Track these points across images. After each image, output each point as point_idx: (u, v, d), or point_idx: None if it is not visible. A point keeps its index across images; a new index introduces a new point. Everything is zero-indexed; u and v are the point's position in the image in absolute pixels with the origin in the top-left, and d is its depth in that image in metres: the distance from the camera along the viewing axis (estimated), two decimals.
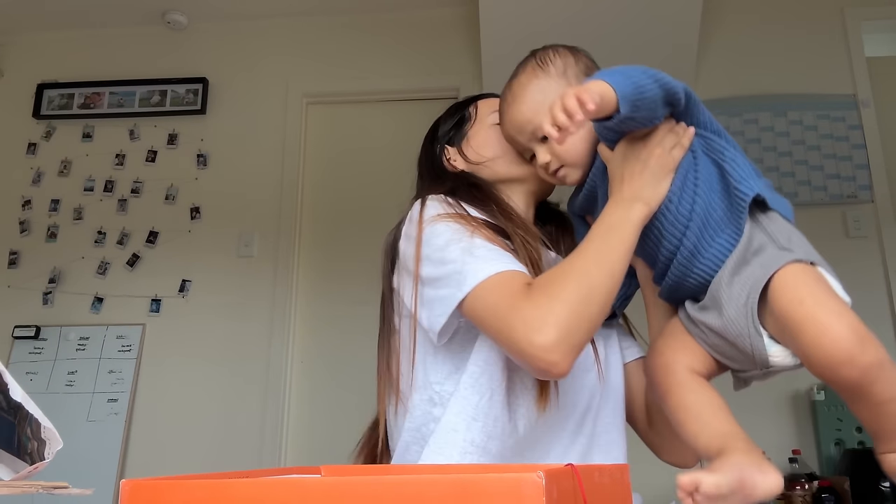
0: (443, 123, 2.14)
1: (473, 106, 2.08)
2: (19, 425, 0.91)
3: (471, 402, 1.58)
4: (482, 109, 2.04)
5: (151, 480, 0.77)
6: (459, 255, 1.54)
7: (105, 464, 4.61)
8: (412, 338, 1.74)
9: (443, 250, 1.58)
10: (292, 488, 0.76)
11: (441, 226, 1.62)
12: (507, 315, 1.42)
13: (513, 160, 1.90)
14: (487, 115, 2.00)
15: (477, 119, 2.02)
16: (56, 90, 5.46)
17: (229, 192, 5.11)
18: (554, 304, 1.39)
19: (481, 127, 1.99)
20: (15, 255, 5.15)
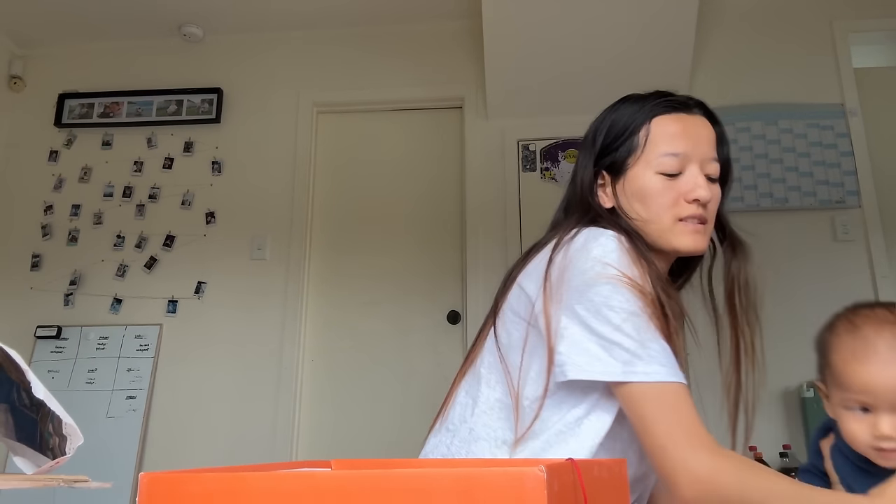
0: (609, 132, 1.76)
1: (646, 128, 1.68)
2: (41, 422, 0.93)
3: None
4: (655, 137, 1.67)
5: (169, 473, 0.78)
6: (635, 334, 1.44)
7: (124, 458, 4.63)
8: (547, 369, 1.52)
9: (618, 314, 1.45)
10: (303, 481, 0.77)
11: (623, 290, 1.48)
12: (679, 441, 1.39)
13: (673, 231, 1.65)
14: (658, 154, 1.65)
15: (644, 153, 1.67)
16: (77, 100, 5.49)
17: (243, 198, 5.14)
18: (730, 476, 1.37)
19: (646, 169, 1.66)
20: (37, 258, 5.18)
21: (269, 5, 5.17)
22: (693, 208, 1.62)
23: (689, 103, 1.72)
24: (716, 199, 1.67)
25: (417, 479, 0.74)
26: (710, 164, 1.67)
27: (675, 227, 1.64)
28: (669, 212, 1.63)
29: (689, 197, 1.62)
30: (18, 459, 0.96)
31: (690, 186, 1.62)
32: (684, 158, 1.64)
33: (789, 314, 4.50)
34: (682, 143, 1.64)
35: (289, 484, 0.77)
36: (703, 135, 1.67)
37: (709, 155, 1.67)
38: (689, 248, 1.65)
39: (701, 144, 1.66)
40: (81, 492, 4.43)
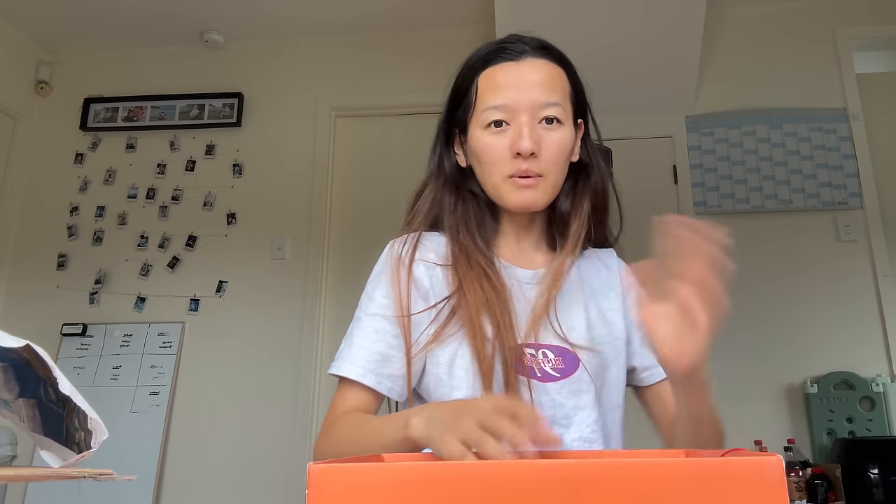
0: (451, 93, 1.69)
1: (475, 84, 1.59)
2: (68, 417, 0.92)
3: None
4: (481, 92, 1.57)
5: (339, 465, 0.75)
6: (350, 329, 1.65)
7: (147, 452, 4.62)
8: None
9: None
10: (525, 470, 0.73)
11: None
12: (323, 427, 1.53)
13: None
14: (481, 109, 1.55)
15: (474, 111, 1.58)
16: (102, 104, 5.48)
17: (263, 199, 5.12)
18: (324, 445, 1.47)
19: (476, 126, 1.57)
20: (63, 257, 5.18)
21: (288, 13, 5.16)
22: (518, 163, 1.49)
23: (521, 50, 1.56)
24: (556, 146, 1.52)
25: (656, 469, 0.72)
26: (548, 108, 1.51)
27: (505, 185, 1.53)
28: (497, 168, 1.52)
29: (512, 150, 1.49)
30: (45, 453, 0.95)
31: (513, 139, 1.49)
32: (508, 110, 1.50)
33: (793, 313, 4.49)
34: (505, 94, 1.51)
35: (491, 473, 0.74)
36: (532, 80, 1.52)
37: (542, 99, 1.51)
38: (517, 205, 1.53)
39: (530, 91, 1.51)
40: (105, 484, 4.42)
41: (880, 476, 3.70)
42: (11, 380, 0.90)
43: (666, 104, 4.90)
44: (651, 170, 4.88)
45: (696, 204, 4.74)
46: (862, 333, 4.43)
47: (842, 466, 3.78)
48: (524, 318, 1.54)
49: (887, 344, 4.37)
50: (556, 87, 1.55)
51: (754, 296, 4.54)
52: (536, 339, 1.52)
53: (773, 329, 4.49)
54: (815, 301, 4.50)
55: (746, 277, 4.57)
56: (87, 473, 0.82)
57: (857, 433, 4.15)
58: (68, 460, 0.94)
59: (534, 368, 1.50)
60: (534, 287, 1.59)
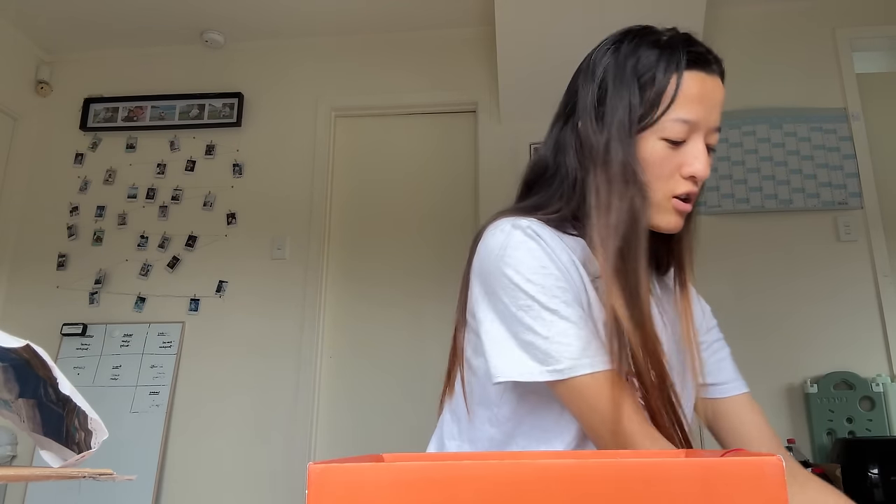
0: (630, 76, 1.44)
1: (672, 82, 1.39)
2: (68, 417, 0.92)
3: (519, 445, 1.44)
4: (677, 99, 1.39)
5: (339, 465, 0.73)
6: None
7: (147, 452, 4.62)
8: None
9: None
10: (512, 471, 0.72)
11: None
12: (607, 441, 1.32)
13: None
14: (669, 118, 1.39)
15: (662, 114, 1.39)
16: (101, 104, 5.48)
17: (263, 199, 5.12)
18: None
19: (652, 133, 1.40)
20: (63, 257, 5.18)
21: (288, 13, 5.16)
22: (688, 185, 1.40)
23: (711, 61, 1.42)
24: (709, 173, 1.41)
25: (656, 469, 0.72)
26: (715, 135, 1.42)
27: (665, 203, 1.41)
28: (662, 184, 1.39)
29: (685, 172, 1.38)
30: (45, 453, 0.95)
31: (688, 160, 1.38)
32: (694, 127, 1.38)
33: (793, 313, 4.50)
34: (697, 110, 1.37)
35: (492, 473, 0.73)
36: (718, 101, 1.41)
37: (716, 123, 1.41)
38: (669, 227, 1.43)
39: (713, 112, 1.40)
40: (105, 484, 4.43)
41: (880, 476, 3.70)
42: (11, 380, 0.90)
43: None
44: None
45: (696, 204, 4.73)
46: (862, 333, 4.43)
47: (842, 466, 3.77)
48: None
49: (887, 344, 4.37)
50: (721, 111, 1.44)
51: (754, 296, 4.54)
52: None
53: (773, 329, 4.49)
54: (815, 301, 4.50)
55: (746, 277, 4.58)
56: (86, 473, 0.82)
57: (857, 433, 4.16)
58: (68, 460, 0.94)
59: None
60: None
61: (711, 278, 4.60)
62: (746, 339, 4.46)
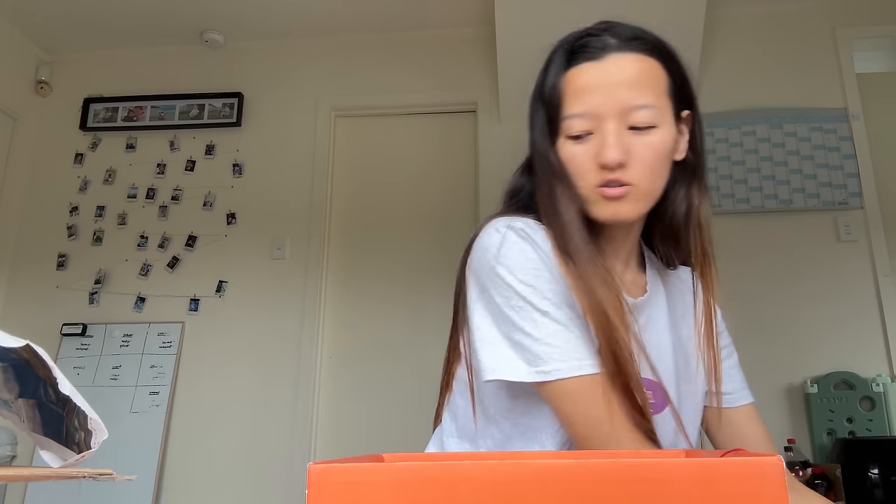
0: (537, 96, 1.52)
1: (559, 88, 1.45)
2: (68, 417, 0.92)
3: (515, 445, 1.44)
4: (565, 97, 1.43)
5: (339, 465, 0.73)
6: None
7: (147, 452, 4.62)
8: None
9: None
10: (517, 471, 0.72)
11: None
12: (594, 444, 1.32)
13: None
14: (564, 116, 1.42)
15: (559, 118, 1.43)
16: (101, 104, 5.48)
17: (263, 199, 5.12)
18: None
19: (561, 135, 1.44)
20: (63, 257, 5.18)
21: (288, 13, 5.16)
22: (604, 174, 1.36)
23: (603, 45, 1.43)
24: (647, 151, 1.37)
25: (656, 469, 0.72)
26: (638, 113, 1.36)
27: (592, 196, 1.38)
28: (583, 180, 1.38)
29: (598, 161, 1.36)
30: (45, 453, 0.95)
31: (598, 149, 1.36)
32: (592, 117, 1.37)
33: (793, 313, 4.50)
34: (587, 100, 1.38)
35: (492, 473, 0.73)
36: (619, 80, 1.37)
37: (630, 102, 1.36)
38: (606, 217, 1.39)
39: (616, 94, 1.37)
40: (105, 484, 4.43)
41: (880, 476, 3.70)
42: (11, 380, 0.90)
43: None
44: None
45: None
46: (862, 333, 4.43)
47: (842, 466, 3.77)
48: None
49: (887, 344, 4.37)
50: (649, 85, 1.39)
51: (754, 296, 4.54)
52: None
53: (773, 329, 4.49)
54: (815, 301, 4.50)
55: (746, 277, 4.58)
56: (86, 473, 0.82)
57: (858, 433, 4.16)
58: (68, 460, 0.94)
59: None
60: (640, 316, 1.47)
61: None
62: (746, 339, 4.45)
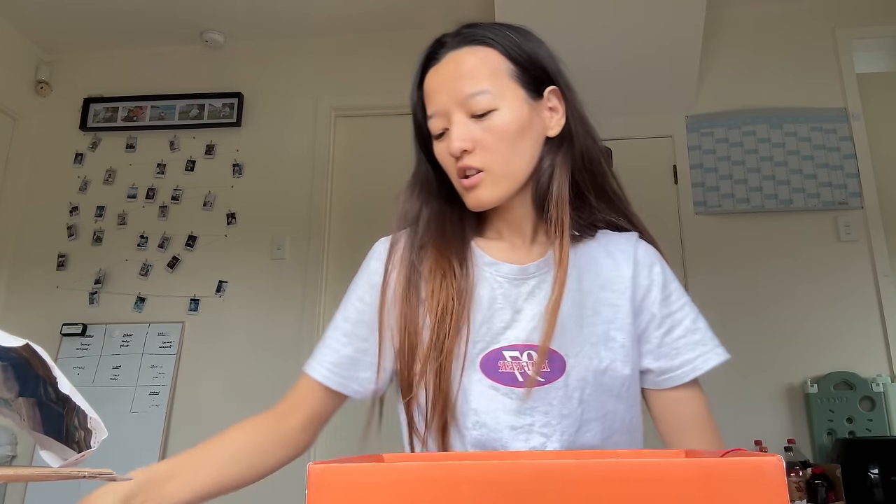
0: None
1: (420, 98, 1.57)
2: (68, 416, 0.92)
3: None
4: (425, 106, 1.54)
5: (339, 465, 0.74)
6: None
7: (146, 452, 4.61)
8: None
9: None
10: (525, 470, 0.73)
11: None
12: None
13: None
14: (428, 120, 1.51)
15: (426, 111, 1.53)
16: (101, 104, 5.48)
17: (263, 199, 5.12)
18: None
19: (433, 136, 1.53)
20: (63, 257, 5.18)
21: (288, 12, 5.16)
22: (458, 163, 1.43)
23: (438, 47, 1.52)
24: (490, 133, 1.42)
25: (656, 469, 0.72)
26: (473, 99, 1.41)
27: (460, 188, 1.47)
28: (452, 175, 1.47)
29: (449, 154, 1.44)
30: (45, 453, 0.95)
31: (447, 142, 1.44)
32: (443, 116, 1.45)
33: (793, 313, 4.50)
34: (435, 101, 1.46)
35: (491, 473, 0.73)
36: (453, 76, 1.45)
37: (465, 91, 1.42)
38: (471, 206, 1.47)
39: (452, 89, 1.43)
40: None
41: (880, 476, 3.71)
42: (11, 378, 0.90)
43: (666, 104, 4.91)
44: (651, 170, 4.89)
45: (696, 204, 4.74)
46: (862, 333, 4.43)
47: (842, 466, 3.78)
48: (506, 319, 1.45)
49: (887, 344, 4.37)
50: (479, 73, 1.44)
51: (754, 295, 4.55)
52: (526, 340, 1.43)
53: (774, 329, 4.49)
54: (815, 301, 4.51)
55: (747, 277, 4.58)
56: (86, 473, 0.82)
57: (858, 433, 4.16)
58: (69, 459, 0.94)
59: (514, 374, 1.41)
60: (522, 283, 1.47)
61: (711, 278, 4.60)
62: (746, 339, 4.46)
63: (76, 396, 0.87)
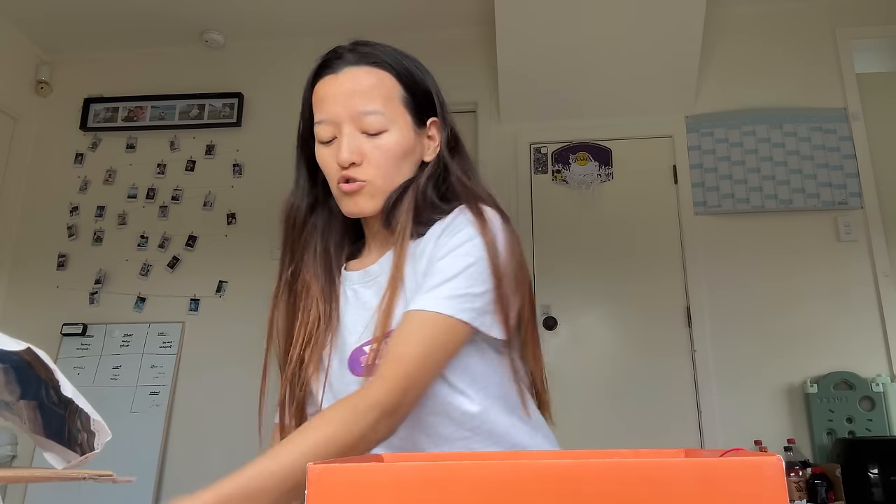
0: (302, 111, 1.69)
1: (308, 101, 1.63)
2: (70, 418, 0.92)
3: None
4: (313, 110, 1.61)
5: (339, 466, 0.74)
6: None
7: (147, 452, 4.62)
8: None
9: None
10: (525, 470, 0.73)
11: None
12: None
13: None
14: (315, 124, 1.58)
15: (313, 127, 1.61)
16: (102, 104, 5.49)
17: (263, 199, 5.10)
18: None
19: (316, 140, 1.60)
20: (63, 257, 5.18)
21: (288, 13, 5.16)
22: (343, 172, 1.51)
23: (340, 59, 1.56)
24: (378, 152, 1.53)
25: (655, 469, 0.72)
26: (366, 118, 1.51)
27: (338, 193, 1.55)
28: (332, 180, 1.56)
29: (336, 162, 1.51)
30: (48, 455, 0.95)
31: (335, 151, 1.52)
32: (332, 123, 1.53)
33: (793, 312, 4.51)
34: (327, 108, 1.53)
35: (491, 473, 0.73)
36: (349, 90, 1.53)
37: (360, 108, 1.51)
38: (347, 210, 1.56)
39: (347, 102, 1.52)
40: (105, 485, 4.42)
41: (880, 476, 3.71)
42: (13, 381, 0.90)
43: (666, 104, 4.91)
44: (651, 170, 4.89)
45: (696, 204, 4.75)
46: (862, 333, 4.44)
47: (842, 466, 3.78)
48: (361, 319, 1.57)
49: (887, 344, 4.38)
50: (375, 94, 1.54)
51: (754, 296, 4.55)
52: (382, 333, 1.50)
53: (773, 329, 4.49)
54: (815, 301, 4.51)
55: (747, 277, 4.59)
56: (87, 475, 0.83)
57: (857, 433, 4.16)
58: (72, 462, 0.94)
59: (376, 365, 1.46)
60: (368, 284, 1.61)
61: (712, 278, 4.61)
62: (747, 339, 4.47)
63: (79, 399, 0.87)
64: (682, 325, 4.61)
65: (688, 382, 4.46)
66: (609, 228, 4.83)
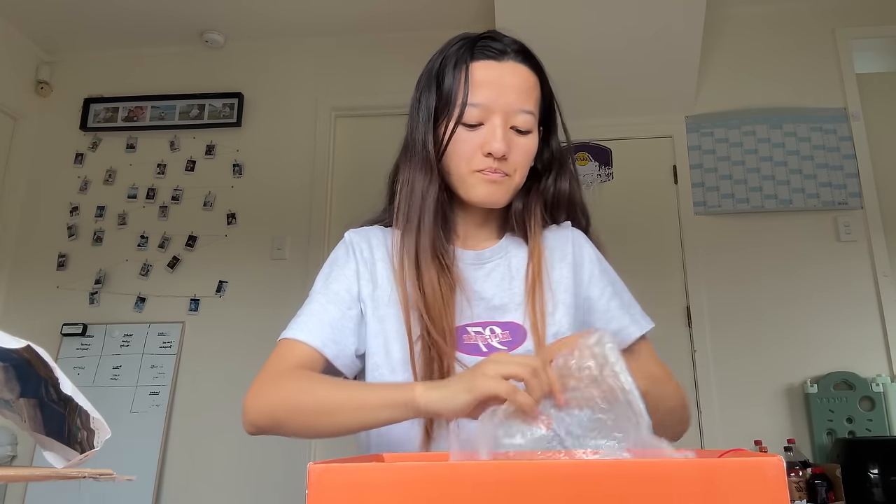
0: (435, 77, 1.65)
1: (459, 75, 1.58)
2: (69, 416, 0.92)
3: None
4: (463, 86, 1.57)
5: (339, 465, 0.74)
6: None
7: (147, 452, 4.62)
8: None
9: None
10: (525, 470, 0.73)
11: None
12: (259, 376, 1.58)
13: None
14: (460, 103, 1.56)
15: (453, 102, 1.58)
16: (102, 104, 5.48)
17: (263, 199, 5.12)
18: (273, 401, 1.52)
19: (451, 119, 1.57)
20: (63, 257, 5.18)
21: (288, 13, 5.16)
22: (488, 161, 1.54)
23: (504, 50, 1.58)
24: (523, 152, 1.58)
25: (656, 469, 0.73)
26: (521, 116, 1.55)
27: (472, 178, 1.57)
28: (465, 163, 1.56)
29: (484, 150, 1.53)
30: (48, 453, 0.95)
31: (487, 139, 1.53)
32: (485, 109, 1.53)
33: (793, 313, 4.51)
34: (484, 93, 1.54)
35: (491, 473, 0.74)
36: (512, 84, 1.55)
37: (517, 105, 1.55)
38: (481, 198, 1.58)
39: (508, 94, 1.54)
40: (105, 484, 4.43)
41: (880, 476, 3.71)
42: (12, 379, 0.90)
43: (666, 104, 4.91)
44: (651, 170, 4.89)
45: (696, 204, 4.75)
46: (862, 333, 4.43)
47: (842, 466, 3.78)
48: (470, 298, 1.60)
49: (887, 344, 4.38)
50: (531, 96, 1.59)
51: (754, 296, 4.55)
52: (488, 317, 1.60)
53: (774, 329, 4.49)
54: (815, 301, 4.51)
55: (747, 277, 4.59)
56: (86, 474, 0.82)
57: (857, 433, 4.16)
58: (72, 460, 0.94)
59: (478, 345, 1.55)
60: (480, 267, 1.65)
61: (711, 278, 4.61)
62: (747, 339, 4.47)
63: (78, 397, 0.87)
64: (682, 325, 4.61)
65: (688, 382, 4.45)
66: (609, 228, 4.81)
